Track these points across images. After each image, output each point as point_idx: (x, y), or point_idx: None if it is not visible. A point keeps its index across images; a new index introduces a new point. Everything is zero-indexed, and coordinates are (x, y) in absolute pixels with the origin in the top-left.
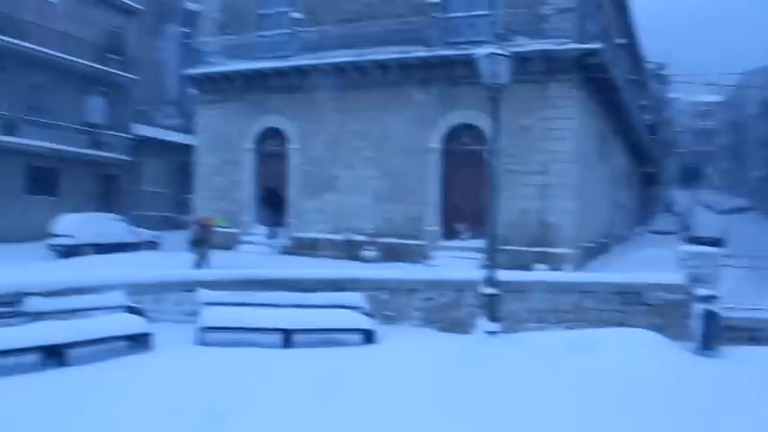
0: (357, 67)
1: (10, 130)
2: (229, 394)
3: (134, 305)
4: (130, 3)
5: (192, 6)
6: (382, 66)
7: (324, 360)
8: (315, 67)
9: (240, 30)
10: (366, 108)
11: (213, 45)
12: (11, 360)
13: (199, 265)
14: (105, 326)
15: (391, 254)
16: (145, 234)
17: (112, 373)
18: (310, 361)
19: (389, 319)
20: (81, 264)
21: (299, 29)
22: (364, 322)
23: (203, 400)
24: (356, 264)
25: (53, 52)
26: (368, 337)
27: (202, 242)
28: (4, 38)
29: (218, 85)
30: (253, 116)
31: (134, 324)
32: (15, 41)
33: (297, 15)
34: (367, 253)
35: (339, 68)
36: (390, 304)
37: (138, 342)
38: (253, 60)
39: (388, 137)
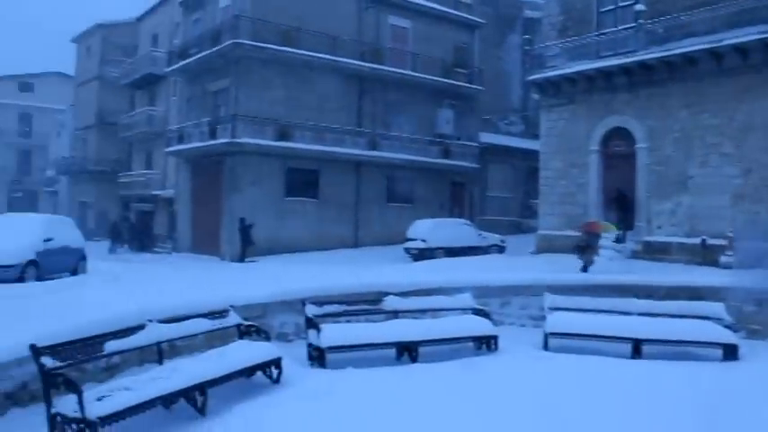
0: (711, 55)
1: (372, 146)
2: (573, 402)
3: (481, 307)
4: (474, 18)
5: (531, 14)
6: (741, 49)
7: (676, 374)
8: (662, 60)
9: (581, 30)
10: (722, 99)
11: (554, 49)
12: (372, 353)
13: (584, 270)
14: (454, 326)
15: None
16: (492, 238)
17: (459, 371)
18: (661, 374)
19: (756, 334)
20: (432, 266)
21: (643, 22)
22: (725, 336)
23: (546, 405)
24: (713, 270)
25: (407, 72)
26: (729, 352)
27: (588, 248)
28: (366, 64)
29: (561, 89)
30: (597, 117)
31: (481, 326)
32: (375, 66)
33: (640, 8)
34: (726, 258)
35: (689, 59)
36: (758, 317)
37: (485, 344)
38: (595, 60)
39: (750, 129)
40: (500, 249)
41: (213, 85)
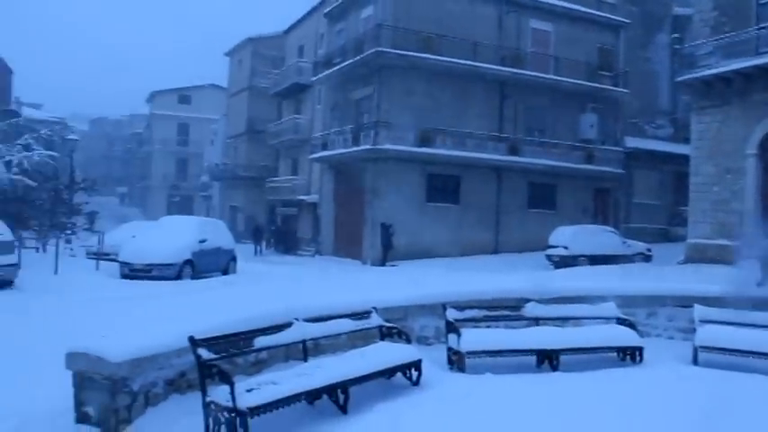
0: None
1: (513, 151)
2: (723, 421)
3: (625, 317)
4: (619, 18)
5: (681, 11)
6: None
7: None
8: None
9: (737, 25)
10: None
11: (707, 47)
12: (512, 359)
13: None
14: (597, 335)
15: None
16: (637, 246)
17: (601, 382)
18: None
19: None
20: (574, 274)
21: None
22: None
23: (694, 422)
24: None
25: (549, 76)
26: None
27: None
28: (507, 69)
29: (714, 89)
30: (755, 118)
31: (625, 336)
32: (516, 71)
33: None
34: None
35: None
36: None
37: (629, 355)
38: (754, 57)
39: None
40: (646, 258)
41: (356, 93)
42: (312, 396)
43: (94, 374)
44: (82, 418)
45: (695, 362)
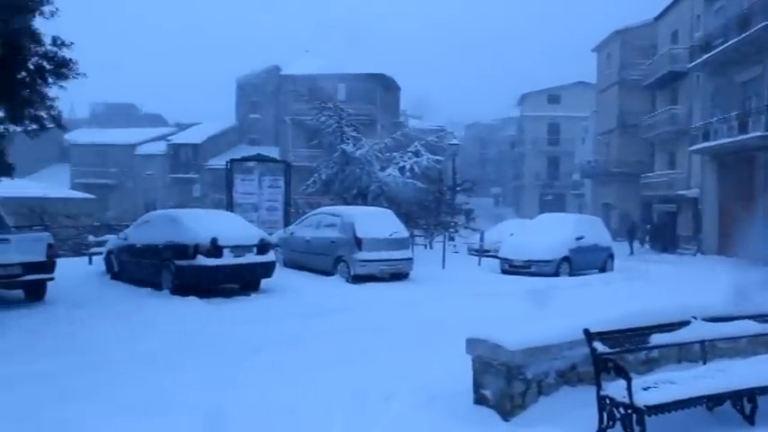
0: None
1: None
2: None
3: None
4: None
5: None
6: None
7: None
8: None
9: None
10: None
11: None
12: None
13: None
14: None
15: None
16: None
17: None
18: None
19: None
20: None
21: None
22: None
23: None
24: None
25: None
26: None
27: None
28: None
29: None
30: None
31: None
32: None
33: None
34: None
35: None
36: None
37: None
38: None
39: None
40: None
41: (741, 76)
42: (713, 401)
43: (492, 360)
44: (480, 399)
45: None
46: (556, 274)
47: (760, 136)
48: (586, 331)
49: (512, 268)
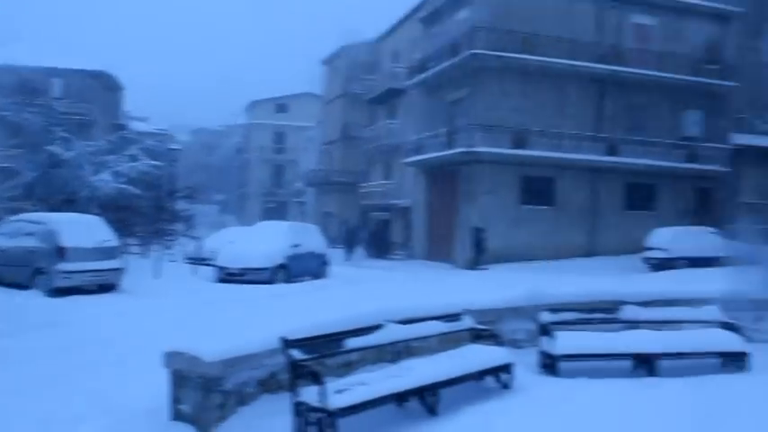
0: None
1: (611, 151)
2: None
3: (730, 321)
4: (727, 8)
5: None
6: None
7: None
8: None
9: None
10: None
11: None
12: (607, 364)
13: None
14: (697, 340)
15: None
16: (742, 248)
17: (702, 389)
18: None
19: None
20: (673, 276)
21: None
22: None
23: None
24: None
25: (650, 72)
26: None
27: None
28: (606, 66)
29: None
30: None
31: (729, 341)
32: (616, 68)
33: None
34: None
35: None
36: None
37: (733, 361)
38: None
39: None
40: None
41: (450, 96)
42: (401, 398)
43: (190, 373)
44: (177, 415)
45: None
46: (271, 282)
47: (463, 152)
48: (283, 339)
49: (228, 276)
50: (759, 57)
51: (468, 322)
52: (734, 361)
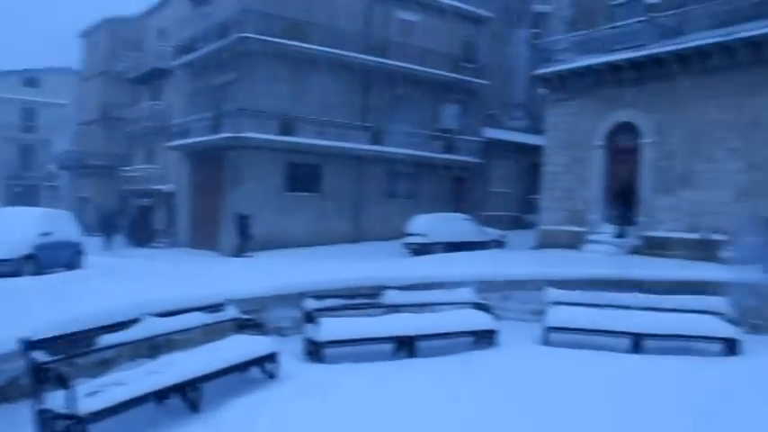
0: (724, 49)
1: (375, 140)
2: (571, 398)
3: (481, 302)
4: (482, 12)
5: (540, 8)
6: (753, 44)
7: (677, 370)
8: (673, 54)
9: (591, 24)
10: (731, 94)
11: (563, 43)
12: (370, 347)
13: None
14: (453, 321)
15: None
16: (492, 233)
17: (456, 366)
18: (660, 369)
19: (759, 329)
20: (432, 261)
21: (655, 15)
22: (726, 330)
23: (543, 400)
24: (714, 265)
25: (412, 66)
26: (730, 347)
27: None
28: (371, 58)
29: (568, 83)
30: (603, 112)
31: (480, 321)
32: (381, 60)
33: (653, 0)
34: (727, 254)
35: (702, 52)
36: (761, 311)
37: (484, 338)
38: (604, 54)
39: (759, 124)
40: (499, 244)
41: (218, 80)
42: (161, 395)
43: None
44: None
45: (546, 342)
46: (18, 274)
47: (228, 137)
48: (23, 340)
49: None
50: (507, 60)
51: (231, 312)
52: (485, 338)
